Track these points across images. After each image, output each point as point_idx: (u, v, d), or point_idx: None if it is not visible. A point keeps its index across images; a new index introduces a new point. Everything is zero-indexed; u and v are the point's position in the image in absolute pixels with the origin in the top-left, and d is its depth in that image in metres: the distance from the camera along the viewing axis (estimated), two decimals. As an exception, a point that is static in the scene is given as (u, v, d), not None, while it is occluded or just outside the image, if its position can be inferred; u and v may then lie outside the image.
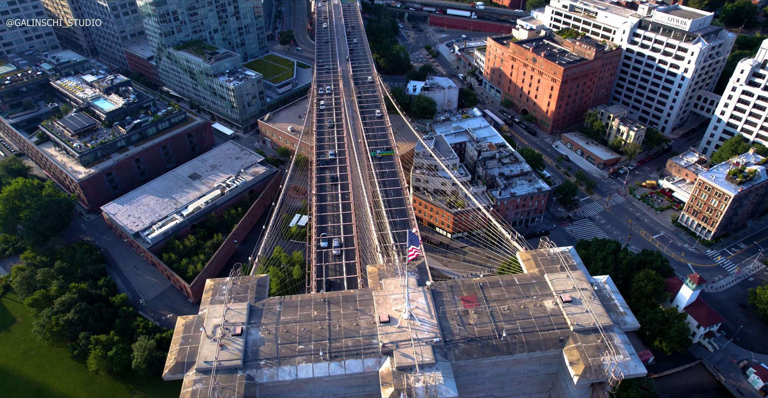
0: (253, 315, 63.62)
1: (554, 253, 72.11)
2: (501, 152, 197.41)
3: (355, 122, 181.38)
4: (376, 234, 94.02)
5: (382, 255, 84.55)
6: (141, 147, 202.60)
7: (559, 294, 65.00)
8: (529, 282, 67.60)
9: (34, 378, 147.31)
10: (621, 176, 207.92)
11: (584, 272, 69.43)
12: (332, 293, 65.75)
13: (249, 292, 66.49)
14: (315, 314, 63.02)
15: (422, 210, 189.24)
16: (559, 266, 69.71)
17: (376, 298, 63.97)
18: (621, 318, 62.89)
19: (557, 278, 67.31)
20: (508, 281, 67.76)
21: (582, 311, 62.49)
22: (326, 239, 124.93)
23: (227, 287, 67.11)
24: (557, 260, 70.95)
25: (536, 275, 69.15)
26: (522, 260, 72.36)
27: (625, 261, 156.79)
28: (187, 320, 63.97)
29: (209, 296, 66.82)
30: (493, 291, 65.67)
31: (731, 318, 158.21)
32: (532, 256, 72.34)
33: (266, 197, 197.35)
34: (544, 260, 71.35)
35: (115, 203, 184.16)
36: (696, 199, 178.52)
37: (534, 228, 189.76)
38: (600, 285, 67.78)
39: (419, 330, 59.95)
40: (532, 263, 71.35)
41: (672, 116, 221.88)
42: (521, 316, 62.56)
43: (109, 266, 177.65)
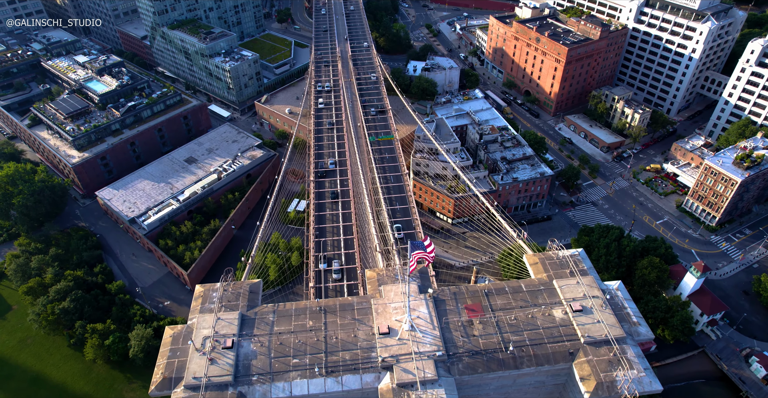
0: (245, 326, 59.54)
1: (563, 256, 67.77)
2: (503, 136, 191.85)
3: (354, 104, 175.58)
4: (376, 235, 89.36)
5: (381, 256, 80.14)
6: (136, 130, 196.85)
7: (569, 303, 60.91)
8: (537, 289, 63.41)
9: (31, 367, 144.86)
10: (625, 160, 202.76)
11: (595, 278, 65.21)
12: (328, 300, 61.56)
13: (241, 299, 62.33)
14: (310, 324, 59.00)
15: (422, 195, 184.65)
16: (569, 271, 65.47)
17: (375, 307, 59.87)
18: (634, 328, 58.96)
19: (567, 285, 63.11)
20: (514, 287, 63.52)
21: (593, 321, 58.53)
22: (326, 258, 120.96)
23: (217, 294, 62.91)
24: (566, 264, 66.65)
25: (544, 281, 64.90)
26: (529, 264, 68.08)
27: (628, 248, 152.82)
28: (175, 330, 59.95)
29: (198, 304, 62.65)
30: (499, 299, 61.55)
31: (734, 306, 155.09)
32: (540, 260, 67.94)
33: (264, 181, 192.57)
34: (552, 265, 67.02)
35: (110, 188, 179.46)
36: (701, 184, 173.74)
37: (536, 213, 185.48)
38: (612, 292, 63.66)
39: (421, 343, 56.05)
40: (540, 268, 67.00)
41: (678, 97, 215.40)
42: (529, 326, 58.58)
43: (105, 252, 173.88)
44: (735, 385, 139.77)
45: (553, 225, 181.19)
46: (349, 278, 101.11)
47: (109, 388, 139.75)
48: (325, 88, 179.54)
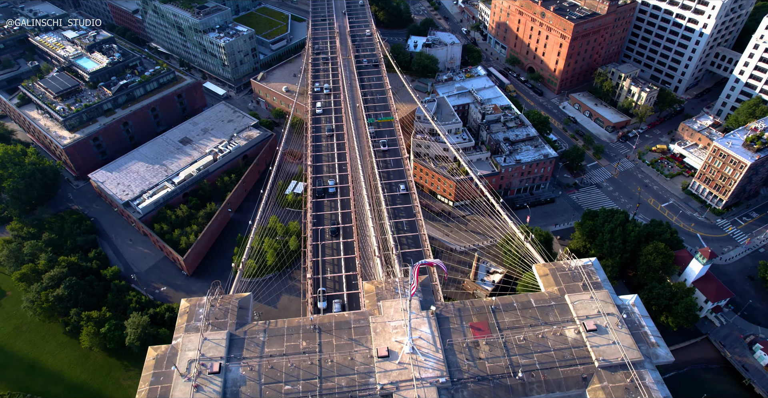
0: (234, 347, 54.75)
1: (575, 267, 62.45)
2: (506, 115, 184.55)
3: (353, 83, 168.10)
4: (375, 238, 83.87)
5: (381, 261, 74.85)
6: (129, 110, 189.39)
7: (583, 321, 55.96)
8: (547, 305, 58.33)
9: (26, 354, 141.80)
10: (630, 140, 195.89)
11: (610, 291, 60.02)
12: (323, 317, 56.60)
13: (229, 317, 57.43)
14: (304, 345, 54.20)
15: (423, 177, 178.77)
16: (582, 284, 60.30)
17: (374, 326, 54.96)
18: (653, 350, 54.28)
19: (580, 301, 58.05)
20: (523, 302, 58.40)
21: (608, 342, 53.75)
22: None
23: (204, 310, 58.03)
24: (579, 276, 61.41)
25: (555, 295, 59.76)
26: (539, 275, 62.81)
27: (633, 233, 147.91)
28: (158, 351, 55.18)
29: (184, 322, 57.76)
30: (507, 316, 56.57)
31: (739, 292, 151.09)
32: (551, 271, 62.61)
33: (261, 162, 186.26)
34: (564, 277, 61.75)
35: (104, 170, 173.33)
36: (709, 166, 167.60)
37: (539, 196, 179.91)
38: (628, 308, 58.65)
39: (423, 367, 51.38)
40: (551, 280, 61.72)
41: (687, 74, 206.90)
42: (539, 348, 53.84)
43: (100, 236, 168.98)
44: (738, 372, 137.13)
45: (556, 208, 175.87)
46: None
47: (106, 376, 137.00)
48: (324, 89, 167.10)
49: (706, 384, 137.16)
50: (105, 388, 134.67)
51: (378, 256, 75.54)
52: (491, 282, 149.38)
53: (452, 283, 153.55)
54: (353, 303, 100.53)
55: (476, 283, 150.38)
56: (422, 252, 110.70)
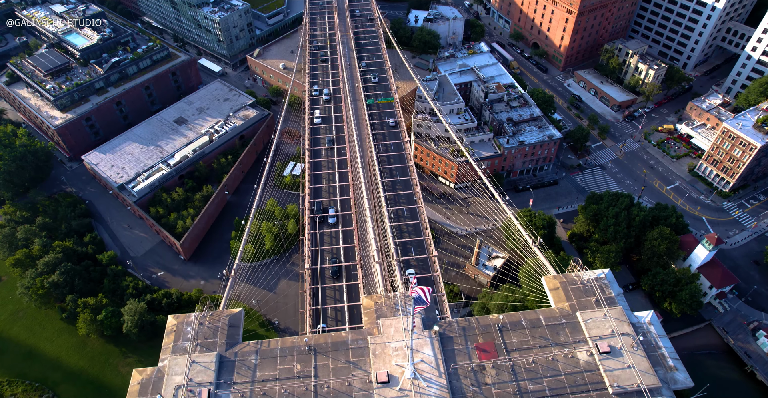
0: (224, 371, 50.83)
1: (588, 280, 58.08)
2: (509, 94, 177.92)
3: (351, 62, 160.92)
4: (375, 240, 79.14)
5: (380, 267, 70.30)
6: (121, 88, 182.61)
7: (595, 341, 51.96)
8: (558, 323, 54.18)
9: (24, 341, 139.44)
10: (636, 120, 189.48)
11: (624, 308, 55.82)
12: (319, 337, 52.54)
13: (219, 336, 53.41)
14: (298, 368, 50.29)
15: (424, 159, 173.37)
16: (594, 300, 56.02)
17: (373, 347, 50.97)
18: (671, 375, 50.46)
19: (592, 319, 53.88)
20: (532, 320, 54.23)
21: (623, 365, 49.85)
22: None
23: (192, 328, 53.97)
24: (591, 290, 57.09)
25: (566, 311, 55.54)
26: (549, 289, 58.50)
27: (638, 218, 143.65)
28: (143, 375, 51.38)
29: (170, 341, 53.81)
30: (515, 336, 52.51)
31: (744, 277, 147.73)
32: (562, 285, 58.21)
33: (258, 143, 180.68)
34: (575, 291, 57.40)
35: (97, 151, 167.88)
36: (717, 148, 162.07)
37: (542, 178, 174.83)
38: (644, 327, 54.61)
39: (425, 395, 47.60)
40: (561, 295, 57.38)
41: (696, 51, 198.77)
42: (549, 372, 49.92)
43: (95, 220, 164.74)
44: (740, 359, 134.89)
45: (560, 190, 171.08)
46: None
47: (104, 363, 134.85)
48: (323, 96, 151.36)
49: (707, 370, 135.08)
50: (103, 375, 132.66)
51: (378, 261, 71.20)
52: (493, 267, 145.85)
53: (453, 267, 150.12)
54: (352, 294, 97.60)
55: (478, 268, 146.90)
56: (423, 241, 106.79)
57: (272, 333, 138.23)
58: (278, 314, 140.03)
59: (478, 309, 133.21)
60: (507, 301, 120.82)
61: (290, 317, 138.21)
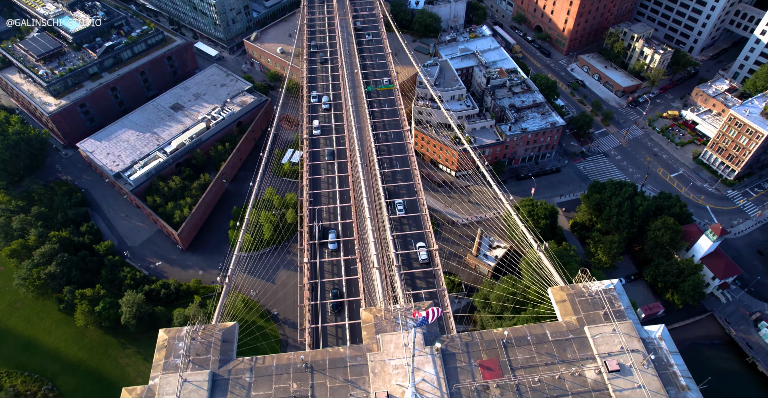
0: (217, 390, 48.10)
1: (596, 292, 55.07)
2: (512, 80, 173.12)
3: (350, 47, 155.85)
4: (374, 242, 75.87)
5: (380, 274, 67.27)
6: (116, 74, 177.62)
7: (604, 359, 49.21)
8: (565, 338, 51.34)
9: (22, 332, 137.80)
10: (640, 105, 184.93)
11: (634, 322, 52.90)
12: (316, 354, 49.89)
13: (212, 352, 50.64)
14: (294, 387, 47.63)
15: (425, 146, 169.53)
16: (603, 313, 53.09)
17: (372, 365, 48.23)
18: (683, 394, 47.85)
19: (601, 334, 51.01)
20: (538, 335, 51.39)
21: (633, 385, 47.12)
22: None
23: (184, 344, 51.24)
24: (600, 303, 54.10)
25: (573, 326, 52.65)
26: (555, 301, 55.53)
27: (641, 208, 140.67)
28: (134, 394, 48.66)
29: (162, 358, 51.05)
30: (520, 352, 49.79)
31: (747, 267, 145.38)
32: (569, 297, 55.10)
33: (256, 129, 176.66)
34: (583, 304, 54.40)
35: (92, 139, 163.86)
36: (723, 135, 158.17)
37: (544, 165, 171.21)
38: (654, 342, 51.85)
39: (427, 417, 45.18)
40: (569, 308, 54.39)
41: (703, 34, 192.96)
42: (555, 392, 47.12)
43: (92, 208, 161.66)
44: (741, 350, 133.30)
45: (562, 178, 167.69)
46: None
47: (103, 354, 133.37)
48: (323, 105, 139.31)
49: (708, 361, 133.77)
50: (103, 367, 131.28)
51: (377, 267, 68.24)
52: (494, 257, 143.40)
53: (454, 257, 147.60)
54: (351, 287, 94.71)
55: (478, 258, 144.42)
56: (424, 232, 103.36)
57: (271, 323, 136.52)
58: (277, 304, 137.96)
59: (479, 300, 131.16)
60: (508, 293, 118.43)
61: (289, 307, 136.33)
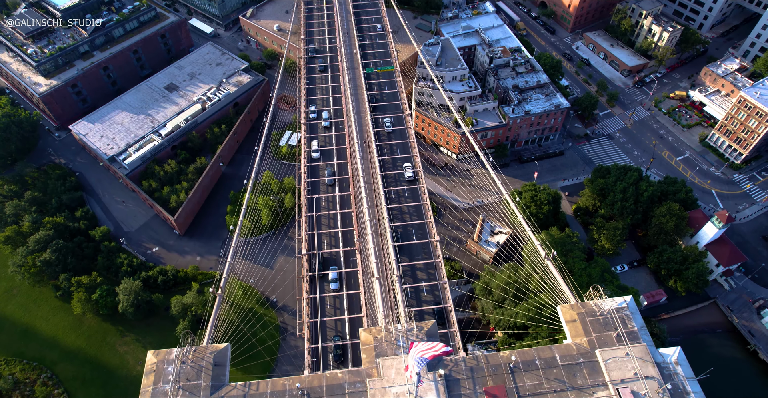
0: (207, 420, 44.88)
1: (608, 311, 51.00)
2: (516, 60, 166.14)
3: (349, 26, 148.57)
4: (374, 248, 71.43)
5: (380, 283, 63.15)
6: (108, 53, 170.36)
7: (617, 386, 45.53)
8: (575, 362, 47.51)
9: (19, 319, 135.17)
10: (647, 86, 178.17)
11: (648, 344, 48.97)
12: (313, 379, 46.24)
13: (203, 377, 46.90)
14: (290, 417, 44.39)
15: (425, 128, 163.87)
16: (615, 335, 49.16)
17: (372, 393, 44.58)
18: (702, 427, 44.54)
19: (613, 359, 47.16)
20: (546, 359, 47.57)
21: (648, 417, 43.77)
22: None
23: (174, 368, 47.51)
24: (612, 323, 50.10)
25: (584, 348, 48.74)
26: (565, 320, 51.43)
27: (646, 193, 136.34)
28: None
29: (150, 383, 47.41)
30: (528, 378, 46.04)
31: (752, 253, 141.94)
32: (580, 317, 50.95)
33: (253, 110, 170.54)
34: (594, 324, 50.33)
35: (85, 121, 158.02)
36: (731, 118, 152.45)
37: (547, 148, 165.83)
38: (670, 367, 47.99)
39: (430, 451, 41.79)
40: (579, 328, 50.33)
41: (714, 10, 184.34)
42: (566, 423, 43.98)
43: (86, 193, 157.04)
44: (743, 338, 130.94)
45: (565, 161, 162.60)
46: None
47: (101, 341, 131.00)
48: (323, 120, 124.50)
49: (709, 348, 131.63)
50: (101, 354, 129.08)
51: (377, 277, 64.16)
52: (495, 243, 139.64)
53: (455, 243, 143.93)
54: (351, 281, 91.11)
55: (480, 244, 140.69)
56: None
57: (270, 311, 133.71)
58: (276, 291, 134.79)
59: (480, 288, 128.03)
60: (509, 282, 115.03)
61: (288, 294, 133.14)
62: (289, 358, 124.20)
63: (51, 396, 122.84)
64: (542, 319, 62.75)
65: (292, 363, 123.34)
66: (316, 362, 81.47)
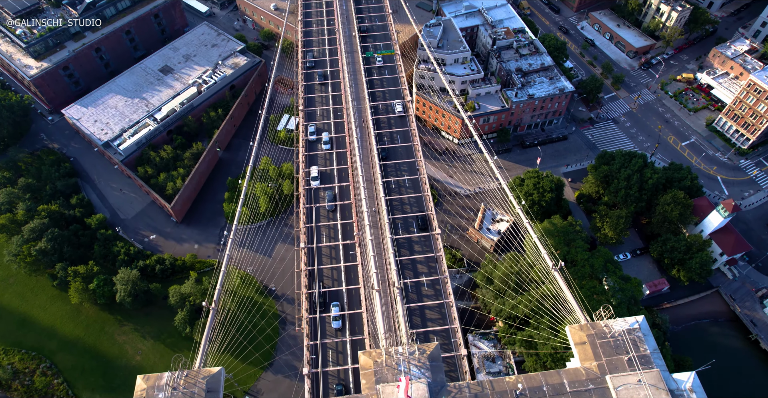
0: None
1: (619, 333, 47.44)
2: (519, 41, 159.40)
3: (347, 5, 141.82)
4: (373, 258, 67.42)
5: (380, 297, 59.38)
6: (100, 33, 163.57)
7: (630, 418, 42.52)
8: (584, 389, 44.19)
9: (16, 308, 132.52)
10: (653, 67, 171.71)
11: (661, 369, 45.62)
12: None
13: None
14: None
15: (426, 112, 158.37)
16: (627, 359, 45.77)
17: (372, 423, 41.73)
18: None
19: (625, 386, 43.78)
20: (554, 386, 44.28)
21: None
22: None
23: (165, 395, 44.25)
24: (623, 346, 46.59)
25: (594, 373, 45.38)
26: (574, 342, 47.85)
27: (651, 181, 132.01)
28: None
29: (137, 413, 44.45)
30: (536, 406, 43.05)
31: (756, 241, 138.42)
32: (590, 339, 47.38)
33: (250, 93, 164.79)
34: (605, 347, 46.78)
35: (78, 105, 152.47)
36: (740, 102, 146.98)
37: (550, 132, 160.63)
38: (684, 395, 44.69)
39: None
40: (589, 352, 46.81)
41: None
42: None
43: (81, 179, 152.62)
44: (745, 327, 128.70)
45: (569, 146, 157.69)
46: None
47: (100, 331, 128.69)
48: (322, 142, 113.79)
49: (710, 337, 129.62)
50: (100, 344, 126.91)
51: (377, 290, 60.46)
52: (497, 232, 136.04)
53: (456, 230, 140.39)
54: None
55: (481, 232, 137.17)
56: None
57: (269, 300, 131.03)
58: (275, 279, 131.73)
59: (481, 277, 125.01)
60: (510, 273, 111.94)
61: (287, 281, 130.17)
62: (290, 347, 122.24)
63: (51, 385, 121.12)
64: (545, 312, 59.78)
65: (293, 353, 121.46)
66: (315, 359, 78.67)
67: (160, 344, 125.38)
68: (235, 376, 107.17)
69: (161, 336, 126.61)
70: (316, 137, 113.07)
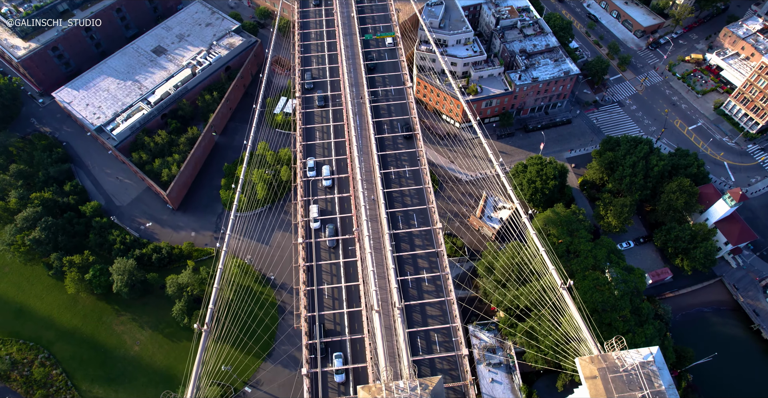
0: None
1: (632, 367, 43.23)
2: (524, 20, 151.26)
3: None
4: (373, 274, 62.82)
5: (379, 317, 55.06)
6: (89, 11, 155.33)
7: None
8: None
9: (12, 298, 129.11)
10: (661, 47, 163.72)
11: (677, 406, 41.90)
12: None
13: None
14: None
15: (427, 94, 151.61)
16: (640, 397, 41.79)
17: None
18: None
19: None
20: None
21: None
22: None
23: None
24: (636, 381, 42.55)
25: (608, 411, 41.71)
26: (585, 376, 43.70)
27: (657, 168, 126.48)
28: None
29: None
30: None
31: (762, 230, 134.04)
32: (601, 373, 43.21)
33: (246, 74, 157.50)
34: (617, 382, 42.65)
35: (69, 88, 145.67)
36: (751, 85, 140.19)
37: (554, 116, 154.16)
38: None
39: None
40: (600, 388, 42.70)
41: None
42: None
43: (75, 164, 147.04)
44: (747, 317, 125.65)
45: (573, 130, 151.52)
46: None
47: (98, 321, 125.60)
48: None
49: (712, 327, 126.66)
50: (98, 333, 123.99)
51: (377, 310, 56.19)
52: (499, 219, 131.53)
53: (457, 218, 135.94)
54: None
55: (482, 220, 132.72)
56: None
57: (268, 289, 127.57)
58: (273, 268, 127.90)
59: (482, 267, 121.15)
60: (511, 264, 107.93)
61: (285, 270, 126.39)
62: (290, 337, 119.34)
63: (50, 376, 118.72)
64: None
65: (294, 343, 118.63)
66: (314, 358, 75.49)
67: (159, 334, 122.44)
68: (234, 368, 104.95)
69: (159, 326, 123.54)
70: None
